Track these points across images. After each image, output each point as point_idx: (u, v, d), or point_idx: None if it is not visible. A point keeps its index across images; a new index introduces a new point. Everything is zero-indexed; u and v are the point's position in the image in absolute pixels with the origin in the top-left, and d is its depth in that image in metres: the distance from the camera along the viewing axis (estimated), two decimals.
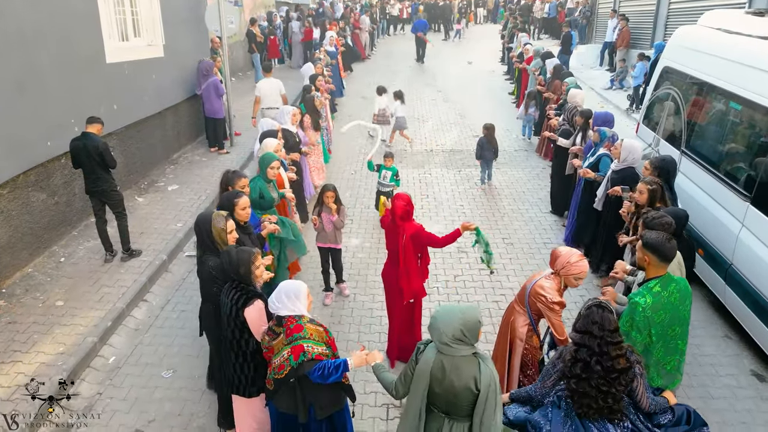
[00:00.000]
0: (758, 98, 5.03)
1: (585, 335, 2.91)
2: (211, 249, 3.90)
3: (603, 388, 2.86)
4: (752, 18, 5.96)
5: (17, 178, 6.08)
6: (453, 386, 2.83)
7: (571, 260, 3.68)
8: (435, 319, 2.89)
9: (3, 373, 4.73)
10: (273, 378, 3.25)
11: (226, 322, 3.52)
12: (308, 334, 3.23)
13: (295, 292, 3.28)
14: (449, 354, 2.84)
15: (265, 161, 5.51)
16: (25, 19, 6.12)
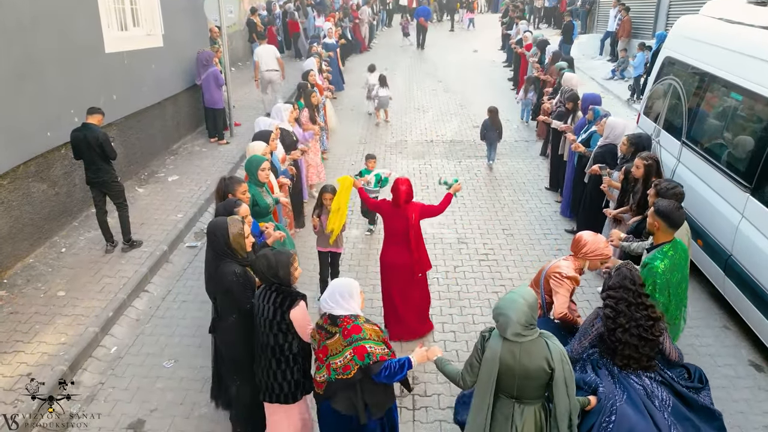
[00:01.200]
0: (759, 89, 5.01)
1: (620, 289, 3.25)
2: (230, 256, 3.71)
3: (643, 335, 3.18)
4: (754, 8, 5.92)
5: (17, 168, 6.08)
6: (526, 369, 2.87)
7: (599, 245, 3.88)
8: (503, 314, 2.88)
9: (5, 363, 4.76)
10: (333, 379, 3.19)
11: (267, 326, 3.40)
12: (367, 335, 3.18)
13: (348, 291, 3.23)
14: (520, 341, 2.86)
15: (254, 164, 5.14)
16: (23, 9, 6.09)
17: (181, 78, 10.03)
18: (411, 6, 28.24)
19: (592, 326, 3.38)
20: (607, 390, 3.22)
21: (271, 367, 3.48)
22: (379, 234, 7.35)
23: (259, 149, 5.56)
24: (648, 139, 5.65)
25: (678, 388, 3.33)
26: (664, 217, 3.83)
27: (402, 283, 5.05)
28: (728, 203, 5.26)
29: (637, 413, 3.10)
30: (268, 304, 3.41)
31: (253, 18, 16.25)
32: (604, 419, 3.12)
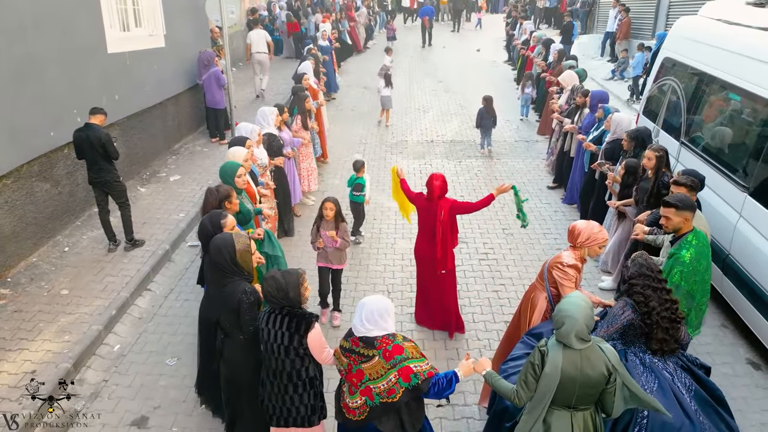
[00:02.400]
0: (757, 89, 5.07)
1: (641, 277, 3.37)
2: (237, 274, 3.62)
3: (672, 316, 3.31)
4: (752, 9, 5.97)
5: (21, 168, 6.12)
6: (588, 378, 2.86)
7: (594, 231, 3.90)
8: (570, 317, 2.84)
9: (10, 360, 4.81)
10: (378, 403, 3.07)
11: (282, 353, 3.27)
12: (410, 354, 3.07)
13: (386, 309, 3.09)
14: (580, 348, 2.85)
15: (228, 172, 4.90)
16: (26, 9, 6.14)
17: (182, 78, 10.08)
18: (412, 7, 28.32)
19: (622, 313, 3.41)
20: (641, 377, 3.28)
21: (288, 393, 3.36)
22: (381, 233, 7.41)
23: (239, 156, 5.33)
24: (647, 131, 5.80)
25: (697, 372, 3.44)
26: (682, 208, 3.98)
27: (429, 275, 5.23)
28: (726, 203, 5.31)
29: (669, 404, 3.13)
30: (281, 329, 3.26)
31: (253, 18, 16.31)
32: (639, 414, 3.18)
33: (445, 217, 4.98)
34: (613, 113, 6.37)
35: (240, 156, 5.34)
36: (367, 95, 14.53)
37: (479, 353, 5.14)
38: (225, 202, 4.52)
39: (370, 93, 14.64)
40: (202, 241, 4.18)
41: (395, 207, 7.98)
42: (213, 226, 4.03)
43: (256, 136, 6.15)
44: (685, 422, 3.11)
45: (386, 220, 7.76)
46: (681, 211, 3.98)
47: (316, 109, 9.10)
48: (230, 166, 4.97)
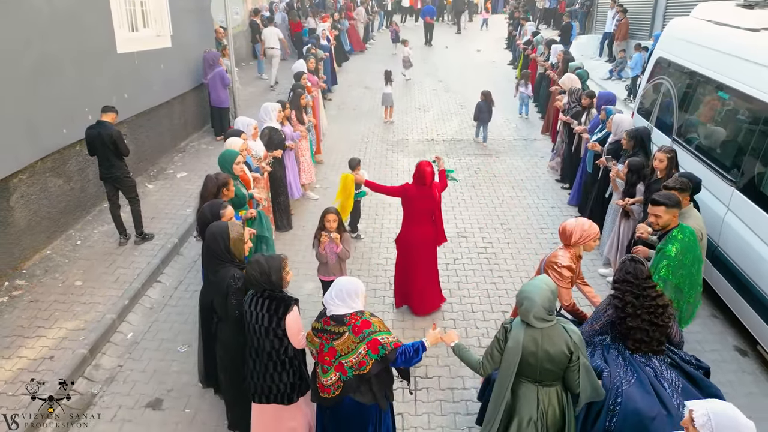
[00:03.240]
0: (745, 88, 5.28)
1: (624, 283, 3.47)
2: (229, 260, 3.84)
3: (654, 320, 3.39)
4: (742, 10, 6.18)
5: (35, 164, 6.34)
6: (548, 354, 3.08)
7: (585, 228, 4.03)
8: (528, 298, 3.08)
9: (28, 347, 5.02)
10: (351, 376, 3.27)
11: (262, 333, 3.46)
12: (377, 328, 3.28)
13: (354, 290, 3.30)
14: (542, 327, 3.08)
15: (227, 159, 5.29)
16: (42, 11, 6.35)
17: (188, 77, 10.29)
18: (416, 7, 28.48)
19: (605, 312, 3.59)
20: (613, 375, 3.41)
21: (268, 371, 3.53)
22: (382, 228, 7.62)
23: (236, 145, 5.70)
24: (645, 130, 5.98)
25: (687, 369, 3.53)
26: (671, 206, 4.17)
27: (425, 257, 5.48)
28: (715, 197, 5.53)
29: (645, 394, 3.28)
30: (261, 311, 3.44)
31: (255, 19, 16.52)
32: (611, 402, 3.33)
33: (439, 198, 5.43)
34: (614, 115, 6.55)
35: (236, 145, 5.69)
36: (369, 94, 14.75)
37: (478, 341, 5.36)
38: (223, 189, 4.78)
39: (371, 92, 14.86)
40: (200, 227, 4.39)
41: (396, 203, 8.23)
42: (212, 216, 4.26)
43: (251, 130, 6.46)
44: (661, 412, 3.24)
45: (387, 216, 7.97)
46: (670, 209, 4.17)
47: (311, 104, 9.32)
48: (229, 153, 5.32)
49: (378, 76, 16.89)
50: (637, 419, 3.23)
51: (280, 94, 13.47)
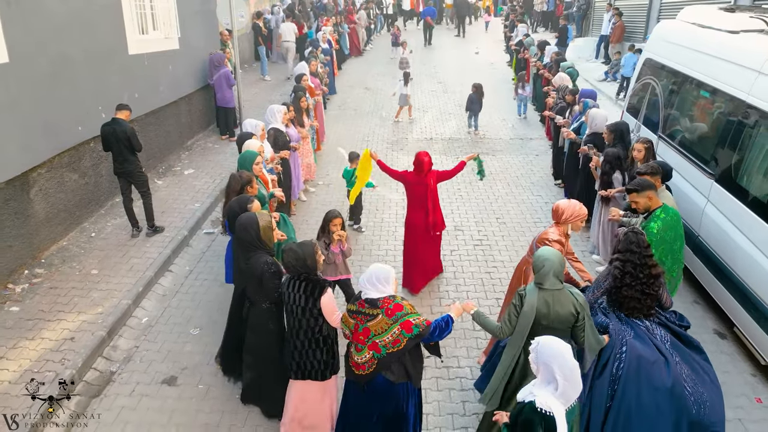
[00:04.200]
0: (724, 86, 5.62)
1: (627, 252, 3.82)
2: (260, 248, 4.11)
3: (646, 290, 3.79)
4: (724, 14, 6.52)
5: (53, 159, 6.67)
6: (559, 315, 3.52)
7: (576, 208, 4.50)
8: (548, 259, 3.53)
9: (50, 329, 5.35)
10: (384, 354, 3.52)
11: (299, 313, 3.78)
12: (408, 310, 3.57)
13: (385, 277, 3.56)
14: (552, 290, 3.53)
15: (248, 159, 5.55)
16: (59, 14, 6.69)
17: (194, 78, 10.64)
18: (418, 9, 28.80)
19: (605, 281, 4.00)
20: (617, 328, 3.83)
21: (304, 348, 3.85)
22: (383, 222, 7.95)
23: (254, 147, 6.00)
24: (625, 124, 6.51)
25: (673, 327, 3.99)
26: (642, 188, 4.68)
27: (420, 239, 5.96)
28: (696, 189, 5.86)
29: (644, 344, 3.73)
30: (298, 292, 3.77)
31: (258, 22, 16.86)
32: (617, 350, 3.73)
33: (434, 186, 5.89)
34: (590, 109, 7.01)
35: (254, 147, 5.98)
36: (369, 95, 15.10)
37: (472, 325, 5.67)
38: (246, 187, 5.05)
39: (371, 93, 15.22)
40: (229, 221, 4.67)
41: (396, 199, 8.59)
42: (240, 209, 4.54)
43: (260, 131, 6.71)
44: (659, 358, 3.69)
45: (387, 210, 8.30)
46: (641, 192, 4.65)
47: (314, 106, 9.64)
48: (249, 154, 5.59)
49: (378, 77, 17.37)
50: (639, 364, 3.64)
51: (283, 95, 13.81)
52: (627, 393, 3.63)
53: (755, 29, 5.89)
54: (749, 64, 5.29)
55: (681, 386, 3.64)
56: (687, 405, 3.62)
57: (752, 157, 5.08)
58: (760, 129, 5.02)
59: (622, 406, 3.63)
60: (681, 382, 3.65)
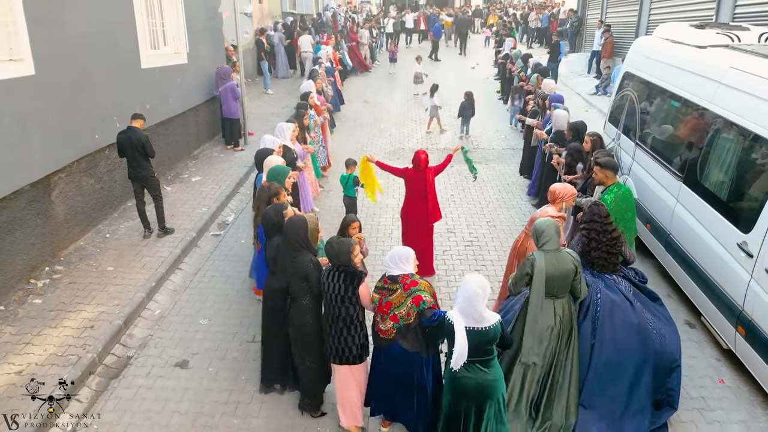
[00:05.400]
0: (691, 96, 6.12)
1: (591, 222, 4.62)
2: (306, 248, 4.48)
3: (610, 251, 4.58)
4: (694, 30, 7.03)
5: (72, 164, 7.17)
6: (563, 272, 4.22)
7: (567, 189, 5.46)
8: (543, 230, 4.29)
9: (71, 319, 5.80)
10: (401, 325, 4.01)
11: (338, 301, 4.17)
12: (423, 287, 4.03)
13: (405, 257, 4.07)
14: (554, 251, 4.26)
15: (281, 173, 5.89)
16: (80, 30, 7.24)
17: (201, 91, 11.20)
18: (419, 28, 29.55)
19: (577, 247, 4.76)
20: (590, 281, 4.54)
21: (342, 335, 4.24)
22: (380, 225, 8.43)
23: (278, 162, 6.28)
24: (583, 124, 7.51)
25: (634, 280, 4.74)
26: (606, 166, 5.66)
27: (418, 229, 6.59)
28: (667, 191, 6.34)
29: (613, 292, 4.51)
30: (338, 282, 4.16)
31: (261, 38, 17.51)
32: (595, 298, 4.48)
33: (432, 180, 6.59)
34: (556, 110, 8.15)
35: (280, 161, 6.29)
36: (368, 108, 15.68)
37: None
38: (274, 199, 5.41)
39: (370, 106, 15.81)
40: (266, 227, 4.91)
41: (392, 204, 9.07)
42: (276, 216, 4.86)
43: (277, 147, 7.07)
44: (626, 302, 4.47)
45: (384, 214, 8.78)
46: (604, 169, 5.67)
47: (321, 124, 9.94)
48: (281, 168, 5.94)
49: (377, 91, 18.00)
50: (612, 307, 4.42)
51: (285, 108, 14.38)
52: (605, 331, 4.39)
53: (720, 44, 6.40)
54: (712, 75, 5.80)
55: (645, 323, 4.44)
56: (651, 338, 4.42)
57: (713, 159, 5.57)
58: (720, 133, 5.51)
59: (603, 342, 4.39)
60: (645, 320, 4.46)
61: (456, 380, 3.79)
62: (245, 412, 4.81)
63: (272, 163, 6.24)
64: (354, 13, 30.11)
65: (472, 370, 3.75)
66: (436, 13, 29.97)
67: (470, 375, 3.75)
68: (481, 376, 3.76)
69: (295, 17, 22.91)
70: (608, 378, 4.39)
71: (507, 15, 31.02)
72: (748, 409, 4.83)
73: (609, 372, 4.38)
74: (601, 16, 20.17)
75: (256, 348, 5.49)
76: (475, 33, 30.78)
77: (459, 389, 3.82)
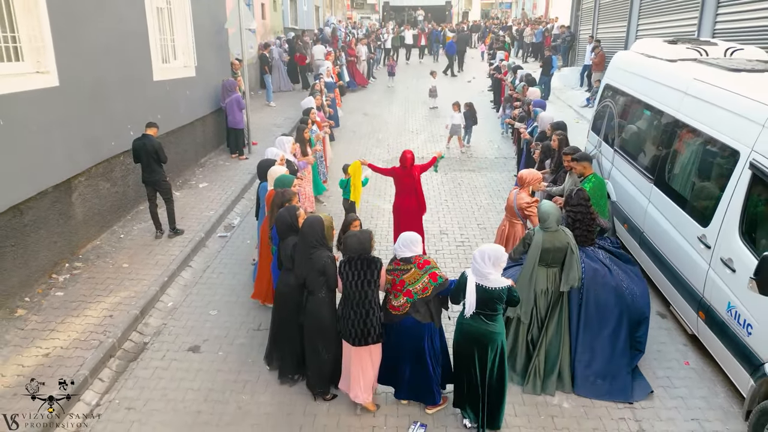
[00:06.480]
0: (661, 105, 6.68)
1: (578, 206, 5.45)
2: (322, 245, 4.86)
3: (589, 228, 5.48)
4: (667, 45, 7.61)
5: (91, 169, 7.72)
6: (558, 248, 5.07)
7: (533, 173, 6.46)
8: (548, 214, 5.07)
9: (92, 309, 6.30)
10: (416, 299, 4.55)
11: (359, 286, 4.59)
12: (434, 265, 4.63)
13: (414, 240, 4.62)
14: (553, 230, 5.09)
15: (286, 182, 6.22)
16: (99, 46, 7.83)
17: (208, 102, 11.79)
18: (419, 44, 30.28)
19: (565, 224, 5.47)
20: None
21: (367, 317, 4.62)
22: (377, 229, 8.95)
23: (281, 171, 6.63)
24: (563, 123, 8.21)
25: (609, 248, 5.67)
26: (581, 159, 6.50)
27: (408, 220, 7.22)
28: (641, 192, 6.87)
29: (593, 261, 5.38)
30: (360, 270, 4.60)
31: (265, 53, 18.18)
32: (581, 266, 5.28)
33: (418, 177, 7.26)
34: (540, 113, 9.08)
35: (282, 171, 6.69)
36: (367, 120, 16.29)
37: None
38: (286, 204, 5.74)
39: (369, 118, 16.41)
40: (280, 229, 5.28)
41: (388, 208, 9.58)
42: (291, 217, 5.22)
43: (278, 159, 7.47)
44: (604, 268, 5.35)
45: (381, 218, 9.31)
46: (580, 161, 6.48)
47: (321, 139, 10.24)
48: (287, 177, 6.36)
49: (376, 104, 18.63)
50: (594, 273, 5.29)
51: (287, 119, 14.97)
52: (590, 294, 5.26)
53: (689, 58, 6.98)
54: (678, 86, 6.36)
55: (621, 285, 5.31)
56: (625, 296, 5.29)
57: (679, 162, 6.12)
58: (684, 139, 6.07)
59: (589, 303, 5.27)
60: (620, 282, 5.32)
61: (463, 326, 4.57)
62: (253, 389, 5.30)
63: (277, 172, 6.61)
64: (354, 29, 30.89)
65: (476, 321, 4.47)
66: (440, 30, 30.57)
67: (474, 324, 4.48)
68: (483, 327, 4.47)
69: (296, 32, 23.65)
70: (595, 331, 5.29)
71: (504, 30, 31.79)
72: (709, 387, 5.33)
73: (595, 326, 5.28)
74: (592, 31, 20.92)
75: (263, 335, 6.02)
76: (472, 48, 31.55)
77: (464, 334, 4.58)
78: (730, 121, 5.29)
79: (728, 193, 5.10)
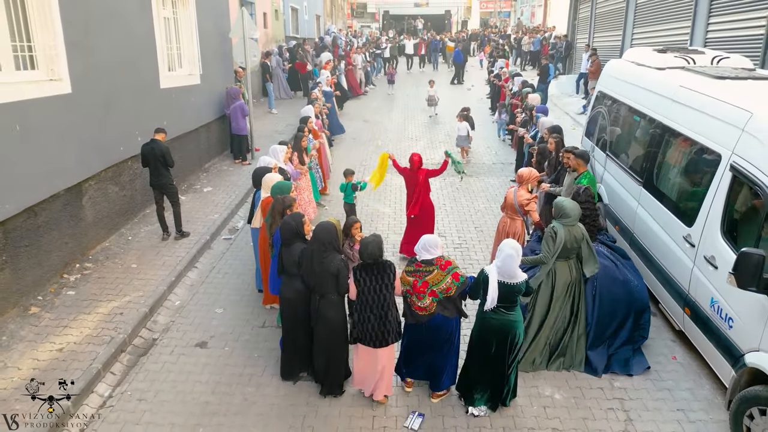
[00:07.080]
0: (649, 112, 6.96)
1: (586, 203, 5.87)
2: (335, 248, 5.00)
3: (593, 223, 5.93)
4: (656, 54, 7.90)
5: (101, 173, 7.99)
6: (576, 239, 5.45)
7: (532, 172, 6.85)
8: (571, 210, 5.45)
9: (102, 306, 6.55)
10: (441, 297, 4.77)
11: (375, 290, 4.78)
12: (456, 266, 4.85)
13: (434, 243, 4.83)
14: (573, 226, 5.45)
15: (284, 189, 6.27)
16: (109, 54, 8.12)
17: (212, 109, 12.09)
18: (419, 53, 30.67)
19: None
20: None
21: (386, 318, 4.83)
22: (375, 230, 9.21)
23: (277, 179, 6.73)
24: (559, 127, 8.51)
25: (608, 244, 6.18)
26: (580, 156, 6.94)
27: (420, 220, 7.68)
28: (631, 195, 7.14)
29: (602, 258, 5.78)
30: (374, 275, 4.78)
31: (267, 61, 18.50)
32: None
33: (422, 180, 7.70)
34: (540, 118, 9.49)
35: (277, 179, 6.81)
36: (367, 127, 16.60)
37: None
38: (287, 210, 5.92)
39: (369, 125, 16.72)
40: (285, 235, 5.37)
41: (388, 212, 9.88)
42: (296, 224, 5.36)
43: (272, 166, 7.60)
44: (612, 263, 5.80)
45: (380, 221, 9.58)
46: (578, 158, 6.88)
47: (318, 147, 10.37)
48: (284, 183, 6.50)
49: (375, 111, 18.94)
50: (604, 269, 5.68)
51: (288, 126, 15.27)
52: (603, 288, 5.65)
53: (677, 66, 7.27)
54: (666, 93, 6.64)
55: (628, 278, 5.74)
56: (632, 288, 5.71)
57: (666, 165, 6.40)
58: (671, 143, 6.34)
59: (603, 296, 5.66)
60: (627, 275, 5.75)
61: (484, 320, 4.87)
62: (258, 382, 5.54)
63: (272, 179, 6.65)
64: (354, 37, 31.29)
65: (498, 313, 4.80)
66: (440, 39, 30.99)
67: (495, 317, 4.81)
68: (503, 318, 4.81)
69: (298, 41, 24.01)
70: (607, 321, 5.71)
71: (503, 38, 32.21)
72: (695, 380, 5.57)
73: (607, 318, 5.70)
74: (588, 40, 21.29)
75: (267, 332, 6.29)
76: (472, 56, 31.93)
77: (485, 326, 4.90)
78: (713, 126, 5.57)
79: (711, 194, 5.37)
